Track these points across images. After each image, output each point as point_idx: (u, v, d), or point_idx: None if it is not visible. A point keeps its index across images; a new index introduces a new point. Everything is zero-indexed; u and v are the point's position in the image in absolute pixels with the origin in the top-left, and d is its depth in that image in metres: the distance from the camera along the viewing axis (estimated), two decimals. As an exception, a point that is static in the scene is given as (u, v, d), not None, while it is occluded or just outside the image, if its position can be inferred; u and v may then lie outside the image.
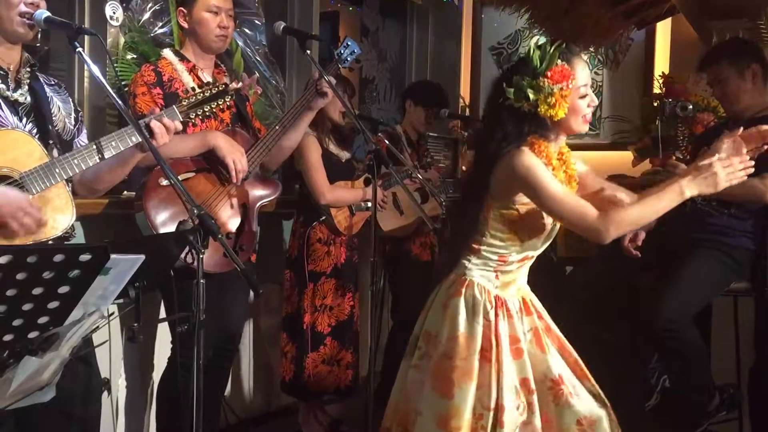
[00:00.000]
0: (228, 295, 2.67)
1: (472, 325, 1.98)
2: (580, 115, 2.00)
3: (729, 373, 3.26)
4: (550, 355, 2.01)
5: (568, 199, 1.91)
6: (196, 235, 1.78)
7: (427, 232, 3.86)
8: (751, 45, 3.26)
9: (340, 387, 3.43)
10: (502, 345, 1.96)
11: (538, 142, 1.97)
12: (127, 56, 3.02)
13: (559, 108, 1.92)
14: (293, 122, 2.83)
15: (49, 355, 1.54)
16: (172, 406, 2.65)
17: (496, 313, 1.99)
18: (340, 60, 2.88)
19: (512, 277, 2.07)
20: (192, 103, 2.16)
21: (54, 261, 1.38)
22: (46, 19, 2.01)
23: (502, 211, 1.98)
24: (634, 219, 1.91)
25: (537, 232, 2.00)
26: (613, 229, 1.88)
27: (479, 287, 2.02)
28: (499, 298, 2.02)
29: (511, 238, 2.01)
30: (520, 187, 1.94)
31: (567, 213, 1.90)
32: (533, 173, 1.90)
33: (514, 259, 2.04)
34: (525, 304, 2.08)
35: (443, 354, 2.00)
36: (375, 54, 5.34)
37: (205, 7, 2.65)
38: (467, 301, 2.01)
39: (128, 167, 2.19)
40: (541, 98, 1.91)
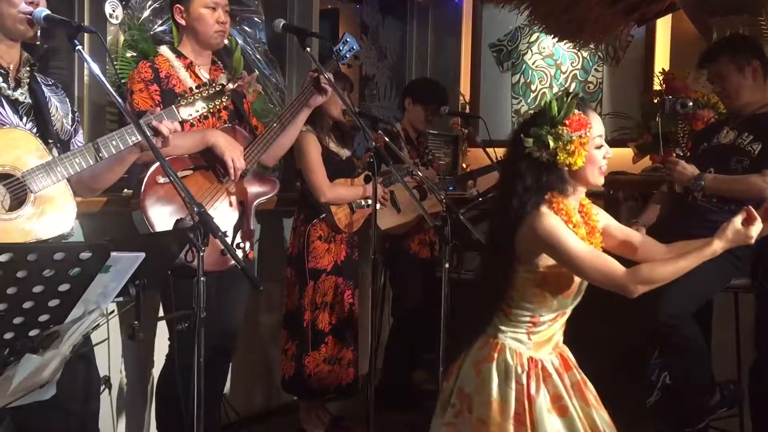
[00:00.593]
0: (226, 293, 2.67)
1: (505, 391, 1.97)
2: (597, 166, 1.99)
3: (729, 370, 3.26)
4: (595, 409, 2.01)
5: (593, 259, 1.92)
6: (197, 233, 1.78)
7: (426, 229, 3.87)
8: (752, 41, 3.25)
9: (341, 385, 3.43)
10: (536, 407, 1.95)
11: (557, 200, 1.97)
12: (126, 54, 3.03)
13: (578, 156, 1.93)
14: (291, 119, 2.83)
15: (49, 353, 1.55)
16: (172, 403, 2.65)
17: (528, 376, 1.97)
18: (338, 56, 2.87)
19: (546, 336, 2.04)
20: (190, 103, 2.16)
21: (54, 259, 1.38)
22: (46, 17, 2.01)
23: (528, 274, 1.97)
24: (662, 277, 1.93)
25: (565, 292, 1.99)
26: (641, 286, 1.91)
27: (511, 351, 2.00)
28: (533, 359, 2.00)
29: (540, 300, 1.99)
30: (544, 249, 1.94)
31: (593, 272, 1.91)
32: (556, 236, 1.90)
33: (545, 319, 2.02)
34: (564, 360, 2.06)
35: (478, 419, 1.99)
36: (375, 51, 5.34)
37: (203, 4, 2.65)
38: (499, 366, 1.99)
39: (125, 165, 2.19)
40: (560, 146, 1.92)
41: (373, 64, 5.35)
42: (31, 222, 1.95)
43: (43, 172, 1.93)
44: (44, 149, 2.00)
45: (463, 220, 2.84)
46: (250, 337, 3.66)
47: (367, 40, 5.30)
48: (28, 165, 1.94)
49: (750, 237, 1.92)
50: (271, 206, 3.53)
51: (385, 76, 5.41)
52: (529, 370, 1.98)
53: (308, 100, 2.83)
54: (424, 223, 3.78)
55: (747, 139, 2.98)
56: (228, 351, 2.87)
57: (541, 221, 1.91)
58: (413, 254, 3.92)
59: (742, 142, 2.99)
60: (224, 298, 2.67)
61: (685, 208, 3.07)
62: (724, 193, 2.95)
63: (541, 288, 1.97)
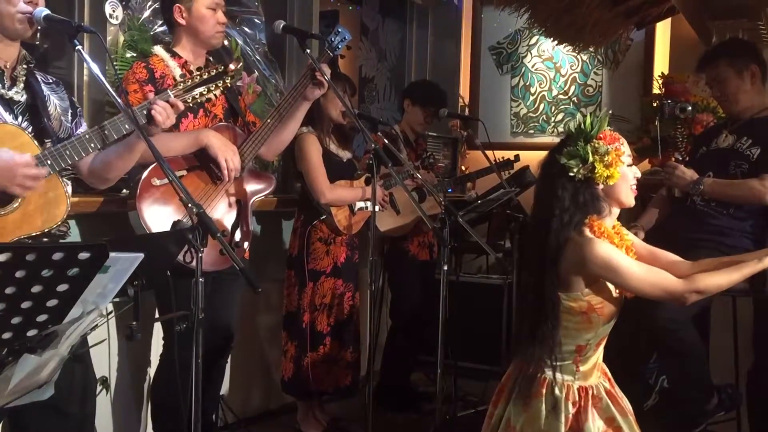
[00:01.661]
0: (222, 293, 2.67)
1: (554, 425, 1.98)
2: (629, 184, 2.03)
3: (727, 373, 3.26)
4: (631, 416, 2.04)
5: (650, 276, 1.96)
6: (195, 233, 1.78)
7: (426, 231, 3.87)
8: (750, 45, 3.25)
9: (340, 386, 3.43)
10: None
11: (597, 223, 1.99)
12: (126, 54, 3.02)
13: (615, 168, 1.95)
14: (289, 112, 2.82)
15: (47, 354, 1.54)
16: (168, 403, 2.65)
17: (577, 406, 1.99)
18: (331, 47, 2.87)
19: (593, 362, 2.05)
20: (188, 86, 2.15)
21: (53, 259, 1.38)
22: (46, 17, 2.01)
23: (571, 303, 1.98)
24: (716, 287, 2.00)
25: (609, 318, 2.01)
26: (695, 295, 1.97)
27: (559, 385, 2.00)
28: (583, 388, 2.02)
29: (586, 327, 2.00)
30: (599, 274, 1.95)
31: (652, 289, 1.96)
32: (615, 260, 1.93)
33: (591, 345, 2.03)
34: (610, 382, 2.08)
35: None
36: (374, 53, 5.34)
37: (206, 4, 2.66)
38: (547, 401, 2.00)
39: (135, 152, 2.19)
40: (597, 159, 1.94)
41: (372, 65, 5.35)
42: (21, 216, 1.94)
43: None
44: (34, 144, 1.99)
45: (462, 223, 2.84)
46: (249, 338, 3.66)
47: (367, 41, 5.30)
48: None
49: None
50: (270, 207, 3.53)
51: (384, 78, 5.42)
52: (578, 400, 2.00)
53: (304, 92, 2.82)
54: (423, 225, 3.78)
55: (746, 143, 2.98)
56: (224, 351, 2.87)
57: (594, 248, 1.93)
58: (412, 256, 3.92)
59: (741, 146, 2.99)
60: (220, 298, 2.67)
61: (684, 212, 3.07)
62: (723, 197, 2.96)
63: (586, 317, 1.98)
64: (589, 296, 1.97)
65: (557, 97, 5.12)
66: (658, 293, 1.97)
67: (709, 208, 3.01)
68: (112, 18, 3.01)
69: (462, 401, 3.84)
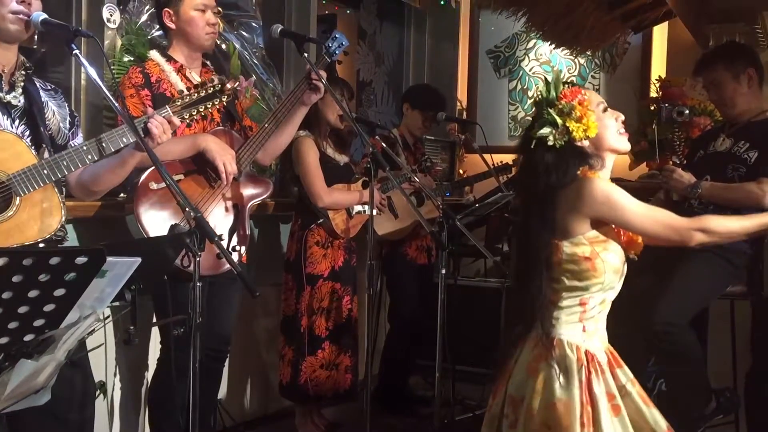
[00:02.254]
0: (219, 297, 2.66)
1: (569, 390, 1.86)
2: (613, 129, 1.97)
3: (726, 377, 3.26)
4: (653, 407, 1.92)
5: (652, 212, 1.91)
6: (193, 237, 1.78)
7: (423, 235, 3.86)
8: (747, 49, 3.26)
9: (339, 391, 3.42)
10: (599, 405, 1.85)
11: (591, 173, 1.93)
12: (124, 58, 3.02)
13: (588, 120, 1.90)
14: (286, 117, 2.82)
15: (44, 358, 1.54)
16: (165, 407, 2.65)
17: (588, 371, 1.87)
18: (328, 53, 2.87)
19: (596, 326, 1.94)
20: (186, 103, 2.15)
21: (50, 264, 1.37)
22: (43, 21, 2.00)
23: (575, 249, 1.88)
24: (726, 230, 1.95)
25: (614, 269, 1.91)
26: (701, 235, 1.92)
27: (569, 345, 1.89)
28: (590, 353, 1.89)
29: (590, 275, 1.89)
30: (601, 211, 1.88)
31: (654, 225, 1.91)
32: (614, 196, 1.87)
33: (595, 302, 1.91)
34: (614, 356, 1.97)
35: (542, 423, 1.86)
36: (372, 57, 5.35)
37: (193, 6, 2.64)
38: (560, 364, 1.88)
39: (128, 168, 2.18)
40: (566, 118, 1.90)
41: (370, 69, 5.35)
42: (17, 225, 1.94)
43: (29, 176, 1.92)
44: (31, 152, 1.98)
45: (460, 226, 2.84)
46: (246, 342, 3.66)
47: (365, 45, 5.31)
48: (15, 168, 1.92)
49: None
50: (268, 211, 3.53)
51: (382, 82, 5.42)
52: (588, 364, 1.88)
53: (301, 97, 2.82)
54: (421, 229, 3.78)
55: (743, 146, 2.99)
56: (221, 356, 2.86)
57: (593, 185, 1.87)
58: (410, 260, 3.92)
59: (739, 150, 3.00)
60: (217, 302, 2.66)
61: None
62: (721, 200, 2.96)
63: (589, 264, 1.88)
64: (593, 240, 1.88)
65: (555, 101, 5.12)
66: (661, 231, 1.91)
67: (706, 212, 3.01)
68: (110, 22, 3.01)
69: (460, 405, 3.83)
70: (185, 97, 2.15)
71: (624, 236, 1.97)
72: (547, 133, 1.91)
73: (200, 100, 2.17)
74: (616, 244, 1.92)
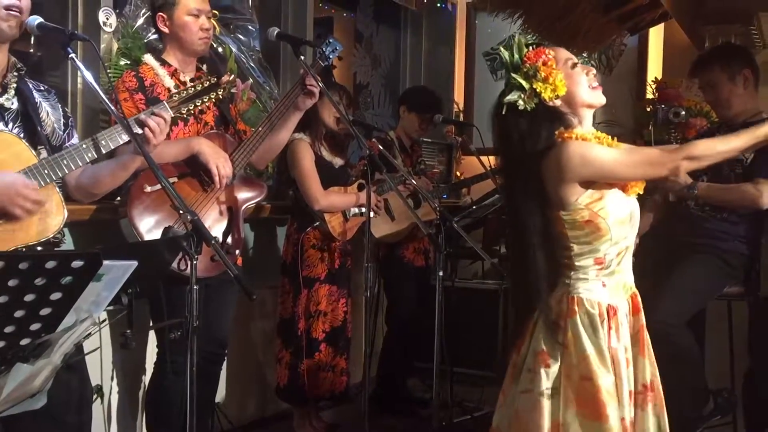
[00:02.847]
0: (215, 300, 2.66)
1: (597, 343, 1.87)
2: (584, 84, 1.93)
3: (723, 378, 3.26)
4: (647, 358, 1.94)
5: (633, 155, 1.90)
6: (190, 241, 1.78)
7: (421, 237, 3.87)
8: (743, 50, 3.27)
9: (335, 393, 3.42)
10: (620, 357, 1.88)
11: (567, 133, 1.90)
12: (120, 62, 3.02)
13: (555, 79, 1.88)
14: (280, 121, 2.82)
15: (40, 362, 1.53)
16: (162, 411, 2.64)
17: (609, 326, 1.88)
18: (322, 57, 2.87)
19: (619, 278, 1.94)
20: (183, 98, 2.15)
21: (46, 267, 1.37)
22: (39, 25, 2.00)
23: (574, 217, 1.88)
24: (713, 152, 1.88)
25: (619, 221, 1.89)
26: (687, 162, 1.86)
27: (589, 302, 1.89)
28: (612, 307, 1.90)
29: (596, 236, 1.88)
30: (586, 174, 1.86)
31: (636, 167, 1.88)
32: (590, 153, 1.85)
33: (611, 256, 1.91)
34: (634, 302, 1.96)
35: (581, 377, 1.87)
36: (369, 59, 5.35)
37: (186, 11, 2.64)
38: (583, 320, 1.88)
39: (129, 171, 2.18)
40: (534, 82, 1.88)
41: (367, 72, 5.36)
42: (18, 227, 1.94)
43: (30, 176, 1.92)
44: (31, 152, 1.98)
45: (457, 228, 2.84)
46: (244, 345, 3.65)
47: (361, 48, 5.31)
48: (15, 168, 1.92)
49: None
50: (264, 214, 3.53)
51: (379, 84, 5.42)
52: (609, 320, 1.89)
53: (295, 101, 2.82)
54: (418, 231, 3.78)
55: (739, 147, 2.99)
56: (218, 358, 2.86)
57: (568, 150, 1.85)
58: (407, 262, 3.92)
59: (735, 151, 3.00)
60: (213, 305, 2.66)
61: (679, 216, 3.08)
62: (717, 201, 2.97)
63: (593, 225, 1.87)
64: (587, 203, 1.87)
65: (551, 103, 5.12)
66: (647, 170, 1.88)
67: (703, 212, 3.02)
68: (106, 26, 3.01)
69: (458, 407, 3.83)
70: (182, 92, 2.16)
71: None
72: (516, 98, 1.90)
73: (197, 94, 2.17)
74: (614, 194, 1.90)
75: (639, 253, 3.02)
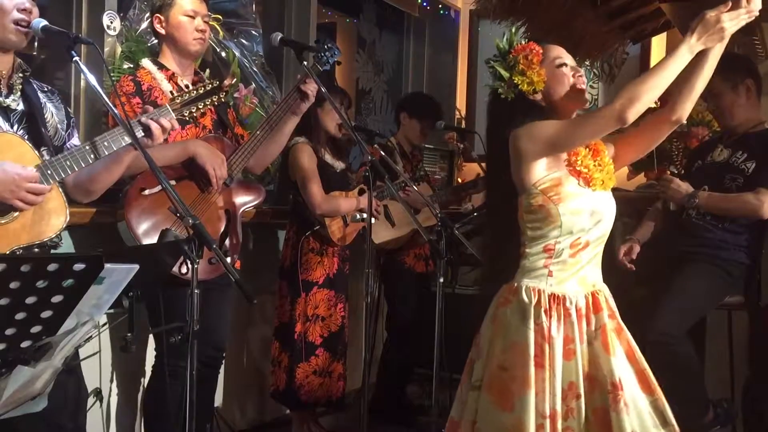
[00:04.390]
0: (213, 304, 2.65)
1: (523, 332, 1.89)
2: (567, 82, 1.97)
3: (723, 388, 3.26)
4: (616, 357, 1.91)
5: (573, 121, 1.93)
6: (191, 244, 1.78)
7: (422, 243, 3.86)
8: (745, 60, 3.27)
9: (332, 398, 3.42)
10: (555, 348, 1.88)
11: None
12: (123, 66, 3.03)
13: (532, 74, 1.93)
14: (277, 126, 2.82)
15: (41, 365, 1.53)
16: (161, 415, 2.64)
17: (549, 315, 1.89)
18: (320, 62, 2.88)
19: (571, 270, 1.94)
20: (186, 101, 2.16)
21: (48, 270, 1.37)
22: (44, 28, 2.01)
23: (530, 200, 1.92)
24: (645, 86, 1.80)
25: (573, 211, 1.90)
26: (631, 104, 1.79)
27: (528, 291, 1.92)
28: (556, 296, 1.91)
29: (546, 222, 1.91)
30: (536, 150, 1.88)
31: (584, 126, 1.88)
32: (533, 129, 1.89)
33: (563, 246, 1.92)
34: (595, 300, 1.96)
35: (499, 366, 1.92)
36: (371, 65, 5.36)
37: (182, 12, 2.66)
38: (514, 308, 1.93)
39: (123, 165, 2.18)
40: (513, 73, 1.94)
41: (369, 78, 5.37)
42: (22, 226, 1.94)
43: None
44: (35, 153, 1.99)
45: (458, 235, 2.84)
46: (243, 350, 3.65)
47: (364, 54, 5.32)
48: None
49: (721, 25, 1.77)
50: (265, 218, 3.53)
51: (381, 90, 5.43)
52: (549, 308, 1.90)
53: (291, 106, 2.82)
54: (418, 238, 3.78)
55: (741, 157, 3.00)
56: (216, 362, 2.86)
57: (516, 133, 1.92)
58: (408, 268, 3.92)
59: (736, 161, 3.01)
60: (211, 309, 2.66)
61: (680, 226, 3.08)
62: (718, 210, 2.97)
63: (545, 210, 1.90)
64: (542, 186, 1.91)
65: (553, 110, 5.13)
66: (592, 127, 1.87)
67: (704, 222, 3.02)
68: (110, 29, 3.01)
69: (457, 414, 3.82)
70: (184, 95, 2.17)
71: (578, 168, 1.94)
72: (497, 86, 1.98)
73: (199, 97, 2.18)
74: (572, 184, 1.92)
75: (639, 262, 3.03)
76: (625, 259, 3.01)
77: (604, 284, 2.03)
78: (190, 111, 2.18)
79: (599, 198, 1.96)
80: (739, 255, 3.00)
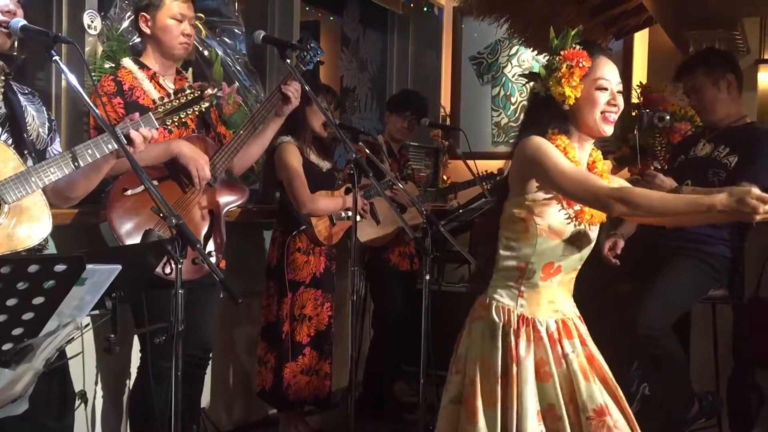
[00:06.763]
0: (198, 303, 2.64)
1: (491, 349, 1.90)
2: (597, 109, 1.88)
3: (708, 380, 3.28)
4: (594, 383, 1.90)
5: (576, 174, 1.81)
6: (175, 244, 1.77)
7: (407, 241, 3.86)
8: (726, 55, 3.30)
9: (319, 397, 3.41)
10: (523, 368, 1.87)
11: (556, 135, 1.90)
12: (105, 65, 3.00)
13: (567, 86, 1.86)
14: (260, 129, 2.81)
15: (22, 367, 1.52)
16: (146, 416, 2.62)
17: (517, 335, 1.88)
18: (303, 62, 2.87)
19: (544, 294, 1.93)
20: (168, 110, 2.15)
21: (28, 272, 1.36)
22: (23, 28, 1.99)
23: (514, 209, 1.89)
24: (648, 205, 1.74)
25: (552, 231, 1.87)
26: (621, 206, 1.74)
27: (497, 308, 1.91)
28: (525, 317, 1.90)
29: (523, 236, 1.88)
30: (530, 169, 1.85)
31: (575, 187, 1.80)
32: (542, 151, 1.83)
33: (534, 267, 1.90)
34: (566, 327, 1.94)
35: (469, 378, 1.94)
36: (356, 63, 5.35)
37: (170, 14, 2.63)
38: (485, 324, 1.92)
39: (102, 174, 2.17)
40: (548, 74, 1.88)
41: (353, 76, 5.36)
42: (5, 233, 1.92)
43: (17, 183, 1.90)
44: (18, 159, 1.97)
45: (444, 232, 2.84)
46: (229, 350, 3.64)
47: (348, 52, 5.31)
48: (3, 175, 1.91)
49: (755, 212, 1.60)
50: (251, 218, 3.51)
51: (365, 88, 5.42)
52: (518, 329, 1.88)
53: (274, 108, 2.81)
54: (404, 236, 3.78)
55: (723, 151, 3.02)
56: (202, 362, 2.84)
57: (528, 142, 1.86)
58: (393, 266, 3.91)
59: (719, 155, 3.03)
60: (197, 308, 2.64)
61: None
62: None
63: (525, 222, 1.87)
64: (532, 200, 1.86)
65: (537, 107, 5.14)
66: (582, 194, 1.80)
67: (687, 216, 3.03)
68: (91, 29, 2.99)
69: (445, 411, 3.82)
70: (167, 104, 2.16)
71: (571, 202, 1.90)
72: (533, 78, 1.94)
73: (182, 107, 2.17)
74: (557, 210, 1.88)
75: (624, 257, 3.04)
76: (609, 254, 3.02)
77: (575, 310, 2.01)
78: (172, 120, 2.17)
79: (584, 231, 1.92)
80: (722, 248, 3.02)
